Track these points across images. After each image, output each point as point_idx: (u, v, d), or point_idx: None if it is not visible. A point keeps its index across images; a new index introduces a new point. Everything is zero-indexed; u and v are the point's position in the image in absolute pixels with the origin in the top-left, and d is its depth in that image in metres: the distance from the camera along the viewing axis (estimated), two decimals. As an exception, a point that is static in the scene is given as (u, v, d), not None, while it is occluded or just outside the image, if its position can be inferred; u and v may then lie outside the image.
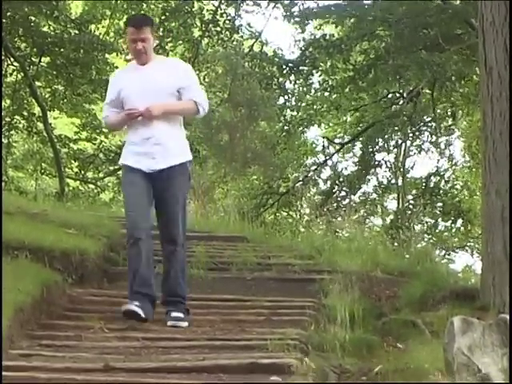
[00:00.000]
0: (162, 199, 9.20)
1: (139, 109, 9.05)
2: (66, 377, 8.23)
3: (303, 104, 29.76)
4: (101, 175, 30.20)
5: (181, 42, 27.94)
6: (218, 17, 27.19)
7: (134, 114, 9.10)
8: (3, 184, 29.76)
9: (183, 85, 9.25)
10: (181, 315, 9.41)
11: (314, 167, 31.13)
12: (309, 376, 8.55)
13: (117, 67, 27.80)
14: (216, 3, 27.35)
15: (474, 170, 30.27)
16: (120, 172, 29.36)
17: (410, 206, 30.37)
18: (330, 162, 30.86)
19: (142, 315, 8.93)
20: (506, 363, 7.56)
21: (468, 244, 30.94)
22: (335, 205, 29.45)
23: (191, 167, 9.63)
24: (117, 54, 28.32)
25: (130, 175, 9.23)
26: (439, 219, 30.49)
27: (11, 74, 27.31)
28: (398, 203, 30.65)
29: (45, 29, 25.97)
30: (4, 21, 25.00)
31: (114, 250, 13.68)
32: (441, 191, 30.23)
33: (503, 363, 7.63)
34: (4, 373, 7.81)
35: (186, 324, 9.46)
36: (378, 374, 9.24)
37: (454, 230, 31.04)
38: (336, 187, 29.58)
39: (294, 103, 29.72)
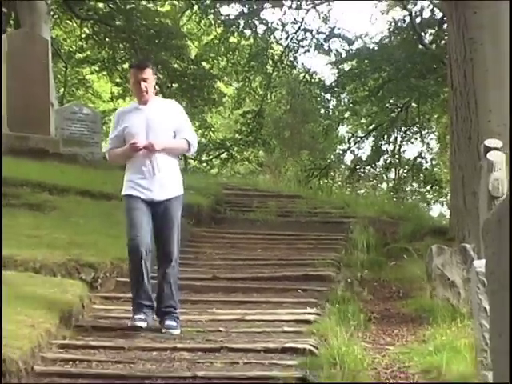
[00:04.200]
0: (160, 224, 6.90)
1: (143, 142, 6.81)
2: (187, 283, 8.26)
3: (336, 113, 29.59)
4: (210, 157, 30.14)
5: (259, 74, 27.86)
6: (283, 58, 27.05)
7: (138, 146, 6.79)
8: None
9: (178, 126, 7.01)
10: (174, 323, 6.77)
11: (342, 152, 30.99)
12: (342, 282, 8.52)
13: (219, 90, 27.80)
14: (282, 49, 27.24)
15: (443, 153, 29.97)
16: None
17: (404, 176, 30.18)
18: (353, 149, 30.65)
19: (144, 326, 6.64)
20: (465, 274, 7.49)
21: (440, 200, 30.64)
22: (357, 175, 29.29)
23: (183, 197, 7.19)
24: (220, 82, 28.33)
25: (133, 202, 6.86)
26: (422, 184, 30.22)
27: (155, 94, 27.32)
28: (396, 175, 30.41)
29: (174, 65, 25.98)
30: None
31: (219, 204, 13.70)
32: (423, 167, 29.91)
33: (463, 274, 7.56)
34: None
35: (178, 331, 6.72)
36: (384, 280, 9.21)
37: (431, 191, 30.76)
38: (357, 164, 29.35)
39: (330, 112, 29.57)
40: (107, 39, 25.76)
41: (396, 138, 29.10)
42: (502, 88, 10.55)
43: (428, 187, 30.36)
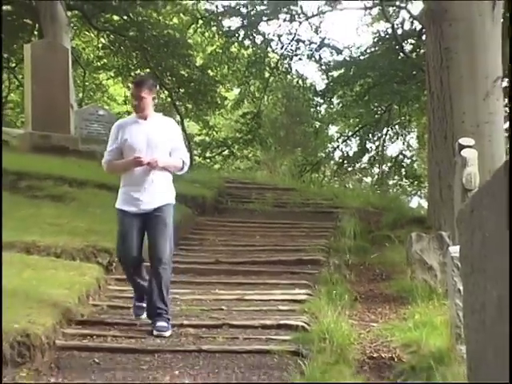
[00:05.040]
0: (153, 228, 6.24)
1: (146, 158, 6.23)
2: (193, 266, 8.26)
3: (326, 115, 29.50)
4: (213, 154, 30.01)
5: (257, 79, 27.78)
6: (279, 65, 26.99)
7: (143, 161, 6.20)
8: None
9: (175, 145, 6.41)
10: (165, 324, 6.05)
11: (332, 149, 30.89)
12: (331, 265, 8.50)
13: (221, 94, 27.71)
14: (277, 57, 27.16)
15: (421, 150, 29.87)
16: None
17: (387, 171, 30.10)
18: (341, 146, 30.55)
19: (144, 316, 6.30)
20: (441, 259, 7.48)
21: (419, 192, 30.59)
22: (344, 170, 29.21)
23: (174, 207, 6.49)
24: (222, 87, 28.29)
25: (125, 218, 6.36)
26: (403, 179, 30.13)
27: (163, 99, 27.25)
28: (380, 170, 30.34)
29: (181, 72, 25.91)
30: (160, 68, 24.99)
31: (221, 195, 13.68)
32: (403, 163, 29.85)
33: (440, 259, 7.55)
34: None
35: (169, 333, 6.02)
36: (369, 264, 9.20)
37: (411, 185, 30.70)
38: (345, 160, 29.25)
39: (321, 114, 29.49)
40: (122, 48, 25.76)
41: (380, 137, 29.06)
42: (475, 92, 10.57)
43: (408, 181, 30.33)
